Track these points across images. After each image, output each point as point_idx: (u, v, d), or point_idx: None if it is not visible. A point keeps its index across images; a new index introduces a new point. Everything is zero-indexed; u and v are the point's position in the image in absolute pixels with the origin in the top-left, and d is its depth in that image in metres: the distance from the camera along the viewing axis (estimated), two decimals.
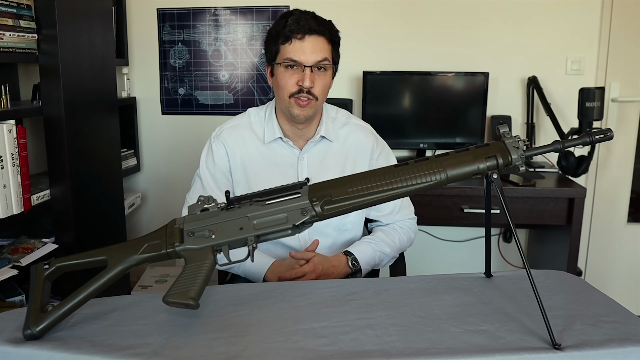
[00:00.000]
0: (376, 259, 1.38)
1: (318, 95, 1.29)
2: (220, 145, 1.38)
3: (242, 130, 1.39)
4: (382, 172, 0.89)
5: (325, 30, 1.27)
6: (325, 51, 1.27)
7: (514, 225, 0.85)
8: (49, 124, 1.74)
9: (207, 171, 1.40)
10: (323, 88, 1.30)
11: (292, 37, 1.25)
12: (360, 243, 1.39)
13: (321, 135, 1.38)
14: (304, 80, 1.25)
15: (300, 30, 1.24)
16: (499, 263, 2.67)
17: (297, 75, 1.27)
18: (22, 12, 1.63)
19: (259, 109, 1.43)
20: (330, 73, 1.31)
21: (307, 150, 1.39)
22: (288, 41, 1.26)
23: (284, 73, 1.28)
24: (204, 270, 0.87)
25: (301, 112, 1.29)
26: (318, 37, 1.26)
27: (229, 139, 1.39)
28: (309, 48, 1.25)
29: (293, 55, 1.25)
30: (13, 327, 0.85)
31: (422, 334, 0.81)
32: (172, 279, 2.54)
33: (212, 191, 1.38)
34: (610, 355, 0.76)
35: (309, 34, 1.25)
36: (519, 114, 2.55)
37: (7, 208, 1.56)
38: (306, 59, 1.25)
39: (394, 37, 2.53)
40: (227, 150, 1.38)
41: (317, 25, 1.26)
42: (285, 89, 1.28)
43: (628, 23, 2.45)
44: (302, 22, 1.25)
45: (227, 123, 1.43)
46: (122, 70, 2.56)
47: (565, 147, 0.89)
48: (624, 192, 2.61)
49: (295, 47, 1.25)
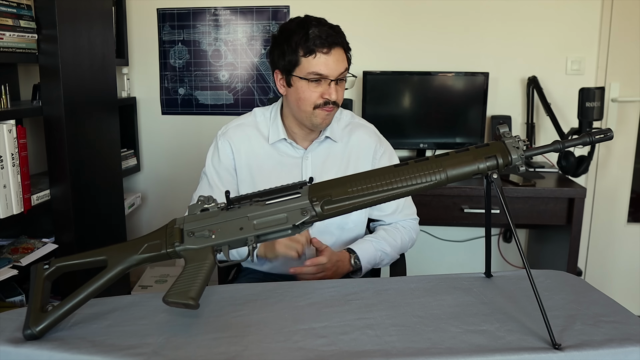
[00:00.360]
0: (377, 259, 1.39)
1: (339, 102, 1.32)
2: (226, 143, 1.40)
3: (247, 129, 1.41)
4: (382, 172, 0.89)
5: (343, 41, 1.29)
6: (345, 61, 1.29)
7: (514, 225, 0.85)
8: (49, 124, 1.74)
9: (213, 168, 1.41)
10: (343, 95, 1.34)
11: (316, 50, 1.24)
12: (362, 241, 1.39)
13: (326, 135, 1.40)
14: (331, 94, 1.27)
15: (325, 45, 1.24)
16: (499, 263, 2.67)
17: (322, 88, 1.28)
18: (22, 12, 1.63)
19: (264, 109, 1.44)
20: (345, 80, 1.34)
21: (312, 150, 1.40)
22: (312, 54, 1.25)
23: (307, 86, 1.27)
24: (204, 270, 0.87)
25: (324, 121, 1.32)
26: (339, 48, 1.27)
27: (234, 137, 1.40)
28: (333, 62, 1.26)
29: (319, 69, 1.25)
30: (13, 327, 0.85)
31: (422, 334, 0.81)
32: (172, 279, 2.54)
33: (217, 188, 1.39)
34: (610, 355, 0.76)
35: (334, 47, 1.26)
36: (519, 114, 2.55)
37: (7, 208, 1.56)
38: (332, 73, 1.26)
39: (394, 37, 2.53)
40: (232, 148, 1.40)
41: (338, 37, 1.27)
42: (310, 101, 1.28)
43: (628, 23, 2.45)
44: (325, 35, 1.24)
45: (233, 122, 1.44)
46: (122, 70, 2.56)
47: (565, 147, 0.89)
48: (624, 192, 2.61)
49: (320, 60, 1.25)
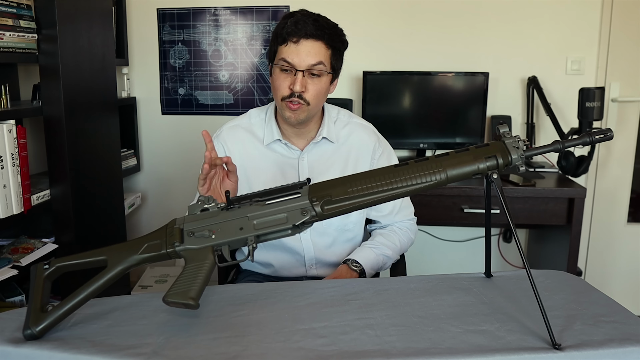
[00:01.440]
0: (380, 263, 1.37)
1: (310, 101, 1.26)
2: (220, 145, 1.39)
3: (241, 131, 1.40)
4: (382, 172, 0.89)
5: (323, 35, 1.24)
6: (320, 55, 1.24)
7: (514, 225, 0.85)
8: (49, 124, 1.74)
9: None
10: (316, 94, 1.27)
11: (288, 39, 1.24)
12: (361, 249, 1.38)
13: (323, 136, 1.37)
14: (295, 84, 1.24)
15: (296, 34, 1.23)
16: (499, 263, 2.67)
17: (290, 79, 1.25)
18: (22, 12, 1.63)
19: (260, 110, 1.43)
20: (326, 79, 1.28)
21: (308, 151, 1.38)
22: (284, 43, 1.24)
23: (278, 75, 1.27)
24: (204, 270, 0.87)
25: (292, 115, 1.27)
26: (315, 41, 1.24)
27: (228, 139, 1.39)
28: (304, 51, 1.23)
29: (287, 56, 1.24)
30: (13, 327, 0.85)
31: (422, 334, 0.81)
32: (172, 279, 2.54)
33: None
34: (610, 355, 0.76)
35: (304, 37, 1.23)
36: (519, 114, 2.55)
37: (7, 208, 1.56)
38: (299, 62, 1.23)
39: (394, 37, 2.53)
40: (225, 150, 1.39)
41: (315, 30, 1.23)
42: (279, 91, 1.27)
43: (628, 23, 2.45)
44: (300, 25, 1.23)
45: (228, 123, 1.43)
46: (122, 70, 2.56)
47: (565, 147, 0.89)
48: (624, 192, 2.61)
49: (290, 49, 1.24)
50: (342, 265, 1.34)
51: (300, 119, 1.29)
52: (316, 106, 1.30)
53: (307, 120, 1.32)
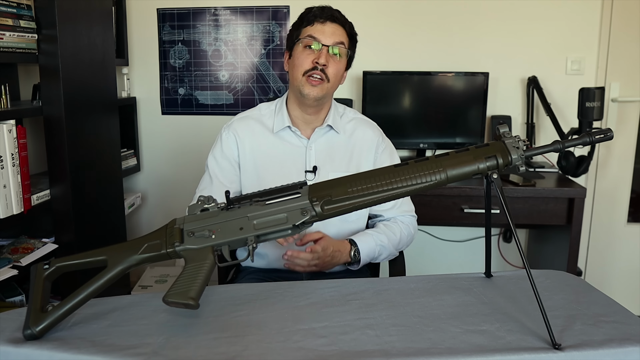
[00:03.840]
0: (375, 253, 1.39)
1: (330, 77, 1.35)
2: (231, 134, 1.43)
3: (251, 122, 1.45)
4: (382, 172, 0.90)
5: (345, 23, 1.38)
6: (343, 37, 1.36)
7: (514, 225, 0.85)
8: (49, 124, 1.74)
9: (214, 159, 1.44)
10: (336, 72, 1.36)
11: (315, 20, 1.35)
12: (364, 234, 1.40)
13: (328, 124, 1.42)
14: (320, 57, 1.32)
15: (323, 16, 1.35)
16: (499, 263, 2.67)
17: (314, 55, 1.34)
18: (22, 12, 1.63)
19: (269, 103, 1.49)
20: (344, 62, 1.38)
21: (315, 140, 1.42)
22: (310, 23, 1.35)
23: (301, 52, 1.35)
24: (204, 270, 0.87)
25: (312, 91, 1.34)
26: (338, 25, 1.36)
27: (239, 128, 1.44)
28: (329, 31, 1.34)
29: (313, 33, 1.34)
30: (13, 327, 0.85)
31: (422, 334, 0.81)
32: (172, 279, 2.54)
33: (217, 179, 1.41)
34: (610, 355, 0.76)
35: (331, 20, 1.35)
36: (519, 114, 2.55)
37: (7, 208, 1.56)
38: (325, 39, 1.34)
39: (394, 37, 2.53)
40: (237, 139, 1.43)
41: (340, 16, 1.37)
42: (301, 66, 1.34)
43: (628, 23, 2.45)
44: (326, 10, 1.36)
45: (238, 115, 1.49)
46: (122, 70, 2.56)
47: (565, 147, 0.89)
48: (624, 192, 2.61)
49: (316, 28, 1.34)
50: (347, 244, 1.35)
51: (318, 95, 1.35)
52: (333, 86, 1.38)
53: (323, 100, 1.38)
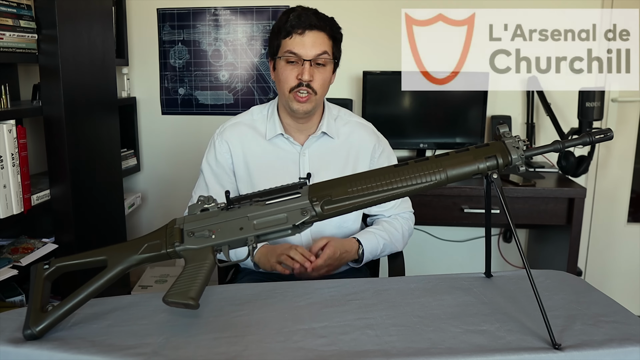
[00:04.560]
0: (377, 251, 1.39)
1: (317, 90, 1.31)
2: (224, 143, 1.41)
3: (244, 127, 1.42)
4: (382, 172, 0.90)
5: (325, 26, 1.31)
6: (325, 45, 1.30)
7: (514, 225, 0.85)
8: (49, 124, 1.74)
9: (209, 167, 1.43)
10: (322, 82, 1.32)
11: (292, 32, 1.29)
12: (366, 232, 1.40)
13: (322, 131, 1.40)
14: (303, 74, 1.28)
15: (300, 25, 1.28)
16: (499, 263, 2.67)
17: (297, 70, 1.30)
18: (22, 12, 1.63)
19: (262, 107, 1.46)
20: (330, 68, 1.34)
21: (309, 146, 1.40)
22: (289, 36, 1.29)
23: (284, 67, 1.31)
24: (204, 270, 0.87)
25: (300, 107, 1.32)
26: (318, 32, 1.30)
27: (231, 136, 1.41)
28: (309, 42, 1.29)
29: (293, 48, 1.29)
30: (13, 327, 0.85)
31: (422, 334, 0.81)
32: (172, 279, 2.54)
33: (212, 186, 1.40)
34: (610, 355, 0.76)
35: (309, 29, 1.28)
36: (519, 114, 2.55)
37: (7, 208, 1.56)
38: (306, 52, 1.28)
39: (394, 37, 2.52)
40: (230, 147, 1.41)
41: (318, 21, 1.29)
42: (286, 83, 1.31)
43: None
44: (303, 18, 1.28)
45: (230, 120, 1.45)
46: (122, 70, 2.56)
47: (565, 147, 0.89)
48: (624, 192, 2.61)
49: (295, 41, 1.29)
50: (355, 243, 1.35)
51: (307, 109, 1.33)
52: (322, 96, 1.35)
53: (314, 111, 1.36)
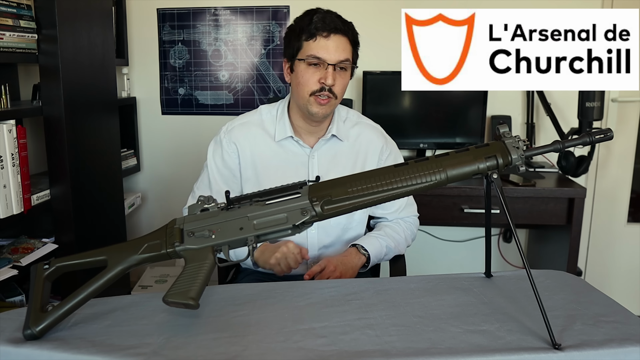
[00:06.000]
0: (382, 253, 1.39)
1: (338, 94, 1.30)
2: (232, 143, 1.38)
3: (253, 127, 1.40)
4: (382, 172, 0.90)
5: (348, 31, 1.29)
6: (347, 51, 1.29)
7: (514, 225, 0.85)
8: (49, 124, 1.74)
9: (215, 165, 1.40)
10: (343, 87, 1.31)
11: (317, 34, 1.26)
12: (367, 237, 1.40)
13: (332, 134, 1.39)
14: (327, 78, 1.26)
15: (326, 28, 1.25)
16: (499, 263, 2.67)
17: (319, 73, 1.27)
18: (22, 12, 1.63)
19: (271, 107, 1.43)
20: (349, 73, 1.33)
21: (318, 149, 1.39)
22: (312, 38, 1.26)
23: (305, 70, 1.28)
24: (204, 270, 0.87)
25: (320, 110, 1.30)
26: (342, 36, 1.28)
27: (240, 136, 1.39)
28: (333, 47, 1.26)
29: (317, 52, 1.26)
30: (13, 327, 0.85)
31: (422, 334, 0.81)
32: (172, 279, 2.54)
33: (216, 185, 1.39)
34: (610, 355, 0.76)
35: (334, 32, 1.26)
36: (519, 114, 2.55)
37: (7, 208, 1.56)
38: (330, 57, 1.26)
39: (394, 37, 2.52)
40: (237, 148, 1.38)
41: (342, 25, 1.28)
42: (307, 86, 1.28)
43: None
44: (328, 21, 1.26)
45: (239, 119, 1.43)
46: (122, 70, 2.56)
47: (565, 147, 0.89)
48: (624, 192, 2.61)
49: (320, 44, 1.26)
50: (351, 248, 1.35)
51: (327, 113, 1.31)
52: (340, 100, 1.34)
53: (330, 114, 1.35)
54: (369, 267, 1.37)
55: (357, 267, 1.33)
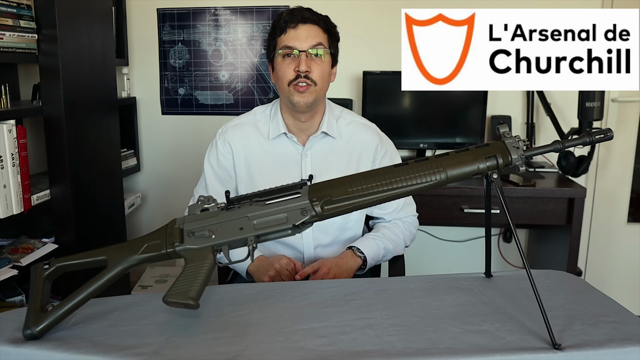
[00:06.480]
0: (379, 255, 1.39)
1: (317, 81, 1.31)
2: (226, 144, 1.41)
3: (246, 128, 1.41)
4: (382, 172, 0.90)
5: (319, 20, 1.32)
6: (319, 37, 1.31)
7: (514, 225, 0.85)
8: (49, 124, 1.74)
9: (210, 167, 1.42)
10: (321, 74, 1.31)
11: (286, 27, 1.30)
12: (364, 239, 1.39)
13: (323, 131, 1.39)
14: (300, 65, 1.28)
15: (293, 20, 1.30)
16: (499, 263, 2.67)
17: (294, 63, 1.30)
18: (22, 12, 1.63)
19: (264, 107, 1.45)
20: (328, 61, 1.33)
21: (311, 147, 1.39)
22: (283, 32, 1.31)
23: (282, 62, 1.31)
24: (204, 270, 0.87)
25: (301, 99, 1.30)
26: (312, 25, 1.31)
27: (233, 137, 1.41)
28: (304, 35, 1.30)
29: (288, 42, 1.30)
30: (13, 327, 0.85)
31: (422, 334, 0.81)
32: (172, 279, 2.54)
33: (213, 187, 1.40)
34: (610, 355, 0.76)
35: (302, 22, 1.30)
36: (519, 114, 2.55)
37: (7, 208, 1.56)
38: (300, 44, 1.29)
39: (394, 37, 2.52)
40: (232, 148, 1.40)
41: (311, 15, 1.32)
42: (285, 77, 1.31)
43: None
44: (296, 13, 1.31)
45: (232, 121, 1.45)
46: (122, 70, 2.56)
47: (565, 147, 0.89)
48: (624, 192, 2.61)
49: (289, 35, 1.30)
50: (347, 250, 1.35)
51: (308, 101, 1.31)
52: (322, 88, 1.34)
53: (315, 105, 1.34)
54: (366, 269, 1.37)
55: (352, 270, 1.33)
